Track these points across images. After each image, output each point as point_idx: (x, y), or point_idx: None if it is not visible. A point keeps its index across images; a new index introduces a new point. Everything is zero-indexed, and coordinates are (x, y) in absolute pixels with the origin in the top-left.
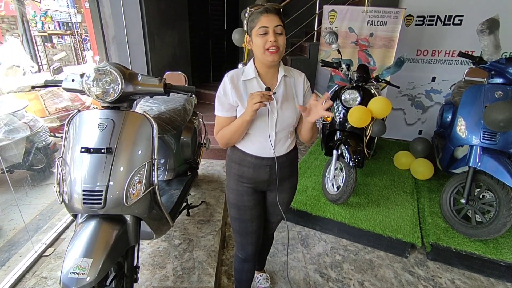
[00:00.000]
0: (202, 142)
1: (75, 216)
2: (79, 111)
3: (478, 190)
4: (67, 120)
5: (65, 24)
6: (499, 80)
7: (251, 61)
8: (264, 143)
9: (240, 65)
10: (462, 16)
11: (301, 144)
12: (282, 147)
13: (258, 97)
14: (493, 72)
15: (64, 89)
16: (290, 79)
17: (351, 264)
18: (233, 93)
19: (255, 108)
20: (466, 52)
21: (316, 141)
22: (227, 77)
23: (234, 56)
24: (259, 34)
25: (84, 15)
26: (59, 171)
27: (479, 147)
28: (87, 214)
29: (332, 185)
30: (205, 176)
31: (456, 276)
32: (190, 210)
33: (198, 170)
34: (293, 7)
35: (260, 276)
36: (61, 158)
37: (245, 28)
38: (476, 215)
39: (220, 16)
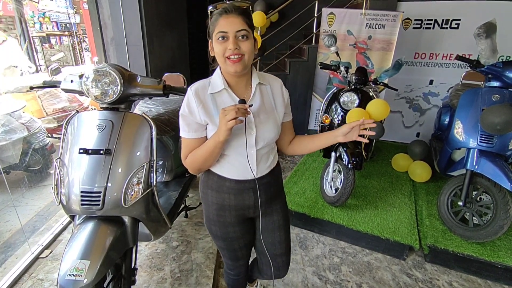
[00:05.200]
0: None
1: (72, 217)
2: (77, 112)
3: (475, 192)
4: (65, 121)
5: (63, 25)
6: (496, 84)
7: (218, 69)
8: (244, 164)
9: None
10: (459, 20)
11: None
12: (265, 166)
13: (233, 113)
14: (490, 76)
15: (63, 90)
16: (266, 86)
17: (349, 266)
18: (200, 110)
19: (230, 126)
20: (464, 56)
21: None
22: (190, 91)
23: None
24: (217, 40)
25: (83, 16)
26: (57, 172)
27: (476, 149)
28: (85, 216)
29: (330, 187)
30: None
31: (454, 279)
32: (188, 212)
33: None
34: (291, 10)
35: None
36: (59, 159)
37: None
38: (474, 218)
39: None
